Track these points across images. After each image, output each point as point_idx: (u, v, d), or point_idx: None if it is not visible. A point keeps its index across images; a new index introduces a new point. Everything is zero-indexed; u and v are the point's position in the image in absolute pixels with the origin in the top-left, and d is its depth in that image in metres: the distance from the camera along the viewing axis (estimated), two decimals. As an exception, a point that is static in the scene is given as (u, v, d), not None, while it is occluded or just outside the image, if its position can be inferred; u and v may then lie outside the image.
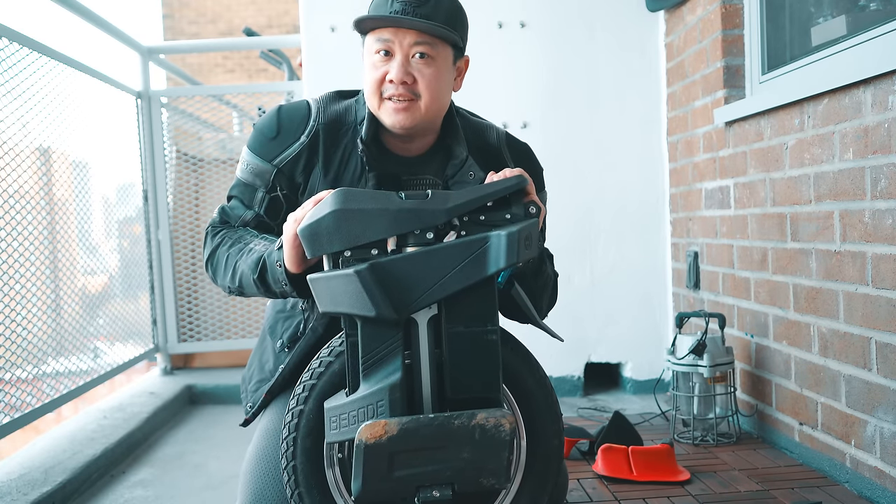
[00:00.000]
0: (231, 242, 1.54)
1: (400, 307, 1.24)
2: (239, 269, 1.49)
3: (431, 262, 1.25)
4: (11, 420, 2.40)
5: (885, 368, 1.89)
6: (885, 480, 1.91)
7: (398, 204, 1.27)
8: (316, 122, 1.56)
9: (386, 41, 1.46)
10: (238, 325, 3.91)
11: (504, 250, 1.24)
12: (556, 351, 3.11)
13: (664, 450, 2.22)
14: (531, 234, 1.28)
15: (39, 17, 13.09)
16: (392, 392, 1.24)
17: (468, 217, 1.29)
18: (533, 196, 1.35)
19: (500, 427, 1.24)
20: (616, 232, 3.27)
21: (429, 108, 1.49)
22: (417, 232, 1.27)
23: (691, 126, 3.01)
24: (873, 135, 1.91)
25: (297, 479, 1.34)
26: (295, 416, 1.34)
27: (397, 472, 1.24)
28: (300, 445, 1.34)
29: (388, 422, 1.21)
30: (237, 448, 2.69)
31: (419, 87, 1.47)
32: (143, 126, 3.72)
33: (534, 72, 3.24)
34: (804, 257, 2.23)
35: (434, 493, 1.26)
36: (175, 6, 11.09)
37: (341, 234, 1.25)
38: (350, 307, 1.24)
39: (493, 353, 1.29)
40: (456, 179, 1.56)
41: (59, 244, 2.96)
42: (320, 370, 1.35)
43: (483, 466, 1.26)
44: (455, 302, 1.27)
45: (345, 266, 1.25)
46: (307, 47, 3.23)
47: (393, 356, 1.26)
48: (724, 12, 2.70)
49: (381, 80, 1.48)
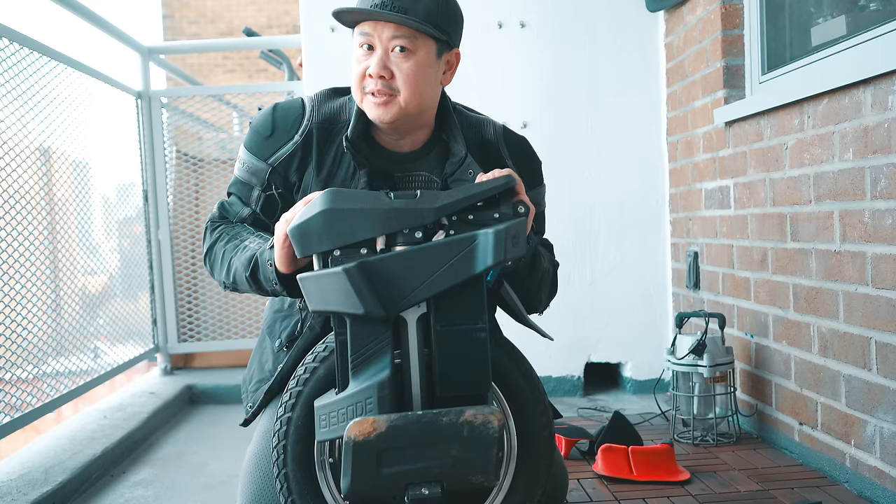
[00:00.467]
0: (228, 238, 1.55)
1: (388, 305, 1.25)
2: (233, 266, 1.49)
3: (420, 261, 1.26)
4: (11, 420, 2.40)
5: (884, 368, 1.89)
6: (884, 480, 1.91)
7: (387, 203, 1.27)
8: (310, 121, 1.56)
9: (366, 35, 1.47)
10: (238, 325, 3.91)
11: (492, 248, 1.25)
12: (556, 351, 3.12)
13: (664, 450, 2.22)
14: (519, 232, 1.28)
15: (39, 17, 13.08)
16: (381, 389, 1.25)
17: (457, 216, 1.30)
18: (522, 196, 1.35)
19: (489, 424, 1.24)
20: (616, 232, 3.27)
21: (408, 103, 1.48)
22: (406, 231, 1.28)
23: (691, 126, 3.01)
24: (873, 135, 1.91)
25: (289, 486, 1.35)
26: (283, 423, 1.35)
27: (386, 469, 1.24)
28: (290, 452, 1.35)
29: (377, 419, 1.22)
30: (237, 448, 2.69)
31: (397, 81, 1.47)
32: (143, 126, 3.72)
33: (534, 72, 3.24)
34: (804, 257, 2.23)
35: (423, 491, 1.26)
36: (175, 6, 11.09)
37: (331, 233, 1.26)
38: (339, 305, 1.25)
39: (481, 350, 1.29)
40: (455, 177, 1.56)
41: (59, 244, 2.96)
42: (306, 376, 1.36)
43: (471, 464, 1.26)
44: (444, 300, 1.28)
45: (334, 265, 1.26)
46: (307, 47, 3.23)
47: (382, 354, 1.27)
48: (724, 12, 2.71)
49: (362, 75, 1.48)
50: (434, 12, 1.46)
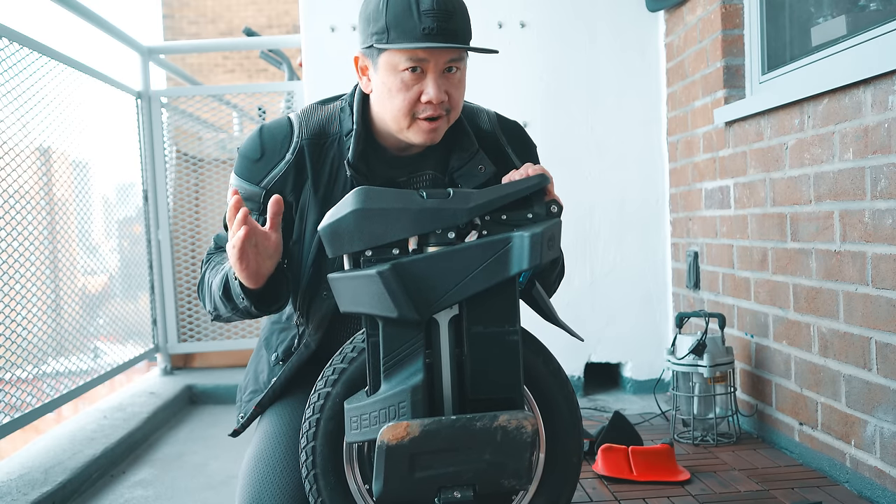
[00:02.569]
0: (214, 264, 1.52)
1: (422, 308, 1.24)
2: (212, 289, 1.47)
3: (453, 263, 1.24)
4: (11, 420, 2.39)
5: (885, 368, 1.89)
6: (885, 480, 1.91)
7: (420, 203, 1.26)
8: (299, 139, 1.51)
9: (421, 60, 1.40)
10: (238, 325, 3.91)
11: (527, 251, 1.23)
12: (556, 351, 3.10)
13: (664, 450, 2.22)
14: (554, 234, 1.27)
15: (39, 17, 13.08)
16: (414, 394, 1.23)
17: (490, 216, 1.29)
18: (554, 195, 1.34)
19: (522, 429, 1.24)
20: (616, 232, 3.27)
21: (452, 120, 1.48)
22: (439, 231, 1.27)
23: (691, 126, 3.01)
24: (873, 135, 1.91)
25: (314, 459, 1.33)
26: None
27: (419, 473, 1.23)
28: (323, 427, 1.33)
29: (410, 423, 1.21)
30: (237, 448, 2.69)
31: (450, 102, 1.44)
32: (143, 126, 3.72)
33: (534, 72, 3.24)
34: (804, 257, 2.23)
35: (455, 494, 1.25)
36: (175, 6, 11.09)
37: (362, 233, 1.24)
38: (371, 308, 1.24)
39: (513, 353, 1.28)
40: (462, 172, 1.53)
41: (59, 244, 2.96)
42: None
43: (504, 468, 1.26)
44: (476, 302, 1.27)
45: (366, 266, 1.25)
46: (307, 47, 3.23)
47: (414, 357, 1.25)
48: (724, 12, 2.70)
49: (415, 101, 1.42)
50: (470, 25, 1.45)
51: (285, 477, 1.47)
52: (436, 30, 1.37)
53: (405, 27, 1.37)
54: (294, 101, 3.89)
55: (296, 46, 3.61)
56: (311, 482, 1.33)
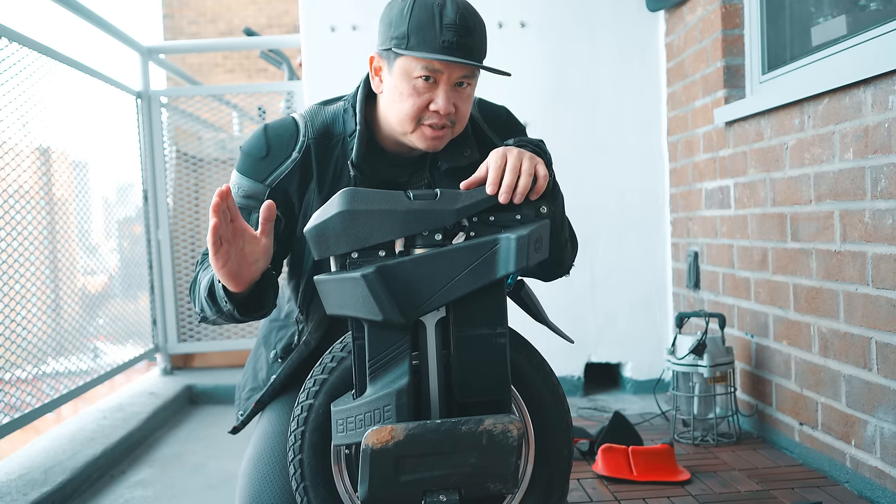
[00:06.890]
0: (206, 265, 1.51)
1: (407, 311, 1.23)
2: (200, 290, 1.47)
3: (440, 265, 1.23)
4: (11, 420, 2.39)
5: (885, 368, 1.89)
6: (885, 480, 1.91)
7: (406, 205, 1.24)
8: (306, 138, 1.52)
9: (436, 71, 1.42)
10: (238, 325, 3.91)
11: (514, 254, 1.22)
12: (556, 351, 3.09)
13: (664, 450, 2.22)
14: (542, 236, 1.26)
15: (39, 17, 13.08)
16: (399, 397, 1.22)
17: (477, 217, 1.28)
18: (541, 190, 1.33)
19: (508, 433, 1.23)
20: (616, 232, 3.27)
21: (457, 131, 1.50)
22: (426, 233, 1.25)
23: (691, 126, 3.01)
24: (873, 135, 1.91)
25: (303, 472, 1.33)
26: (304, 409, 1.33)
27: (404, 476, 1.23)
28: (308, 439, 1.32)
29: (395, 427, 1.20)
30: (237, 448, 2.69)
31: (456, 114, 1.46)
32: (143, 126, 3.72)
33: (534, 72, 3.24)
34: (804, 257, 2.23)
35: (441, 498, 1.25)
36: (175, 6, 11.09)
37: (348, 235, 1.23)
38: (356, 311, 1.23)
39: (501, 356, 1.27)
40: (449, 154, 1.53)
41: (59, 244, 2.96)
42: (332, 365, 1.34)
43: (490, 472, 1.25)
44: (463, 304, 1.26)
45: (352, 268, 1.24)
46: (307, 47, 3.23)
47: (400, 360, 1.25)
48: (724, 12, 2.70)
49: (423, 108, 1.44)
50: (486, 43, 1.48)
51: (285, 476, 1.47)
52: (455, 44, 1.39)
53: (426, 36, 1.39)
54: (294, 100, 3.89)
55: (296, 46, 3.61)
56: (302, 494, 1.33)
